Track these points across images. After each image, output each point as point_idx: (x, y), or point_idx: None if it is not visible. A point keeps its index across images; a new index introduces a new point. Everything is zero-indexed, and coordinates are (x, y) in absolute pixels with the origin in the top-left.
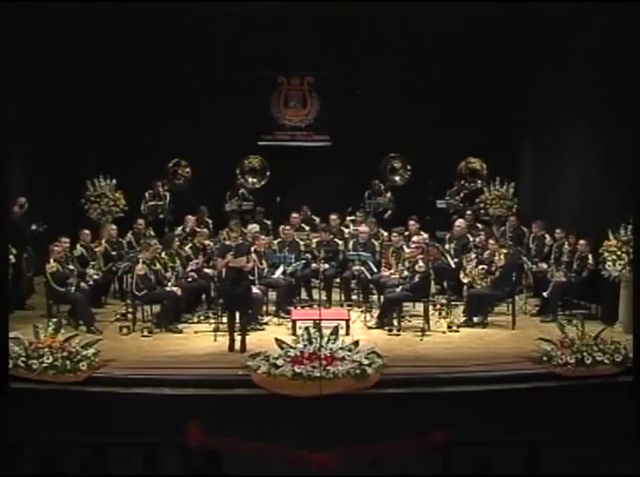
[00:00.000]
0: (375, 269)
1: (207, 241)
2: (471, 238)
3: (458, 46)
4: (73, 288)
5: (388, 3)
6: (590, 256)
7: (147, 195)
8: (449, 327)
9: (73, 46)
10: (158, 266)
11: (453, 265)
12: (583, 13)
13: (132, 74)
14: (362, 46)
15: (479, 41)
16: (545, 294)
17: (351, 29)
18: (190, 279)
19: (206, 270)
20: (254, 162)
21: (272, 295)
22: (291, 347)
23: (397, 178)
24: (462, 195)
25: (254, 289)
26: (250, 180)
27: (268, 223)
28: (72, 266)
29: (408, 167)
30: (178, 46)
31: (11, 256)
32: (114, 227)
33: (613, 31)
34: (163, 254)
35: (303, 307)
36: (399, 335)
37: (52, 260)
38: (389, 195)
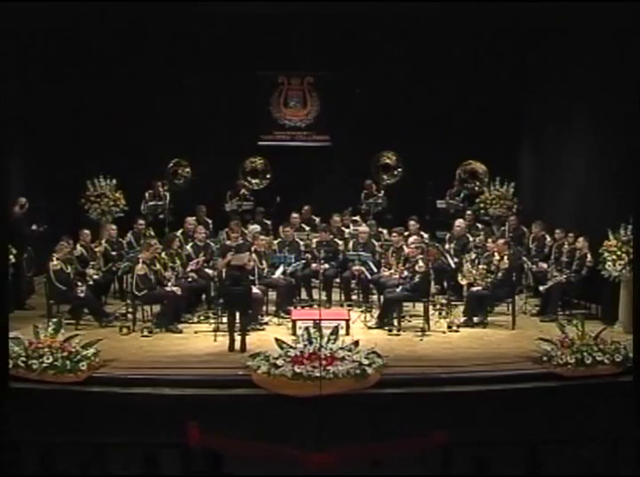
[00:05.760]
0: (375, 269)
1: (202, 235)
2: (471, 239)
3: (458, 46)
4: (81, 291)
5: (387, 3)
6: (589, 255)
7: (147, 195)
8: (449, 327)
9: (73, 45)
10: (158, 266)
11: (453, 265)
12: (584, 13)
13: (132, 73)
14: (362, 46)
15: (479, 41)
16: (541, 288)
17: (351, 29)
18: (190, 279)
19: (206, 270)
20: (257, 163)
21: (272, 295)
22: (291, 347)
23: (385, 176)
24: (462, 196)
25: (254, 289)
26: (254, 181)
27: (268, 223)
28: (70, 269)
29: (399, 164)
30: (178, 46)
31: (11, 256)
32: (114, 227)
33: (614, 31)
34: (163, 254)
35: (303, 307)
36: (399, 335)
37: (55, 258)
38: (381, 194)
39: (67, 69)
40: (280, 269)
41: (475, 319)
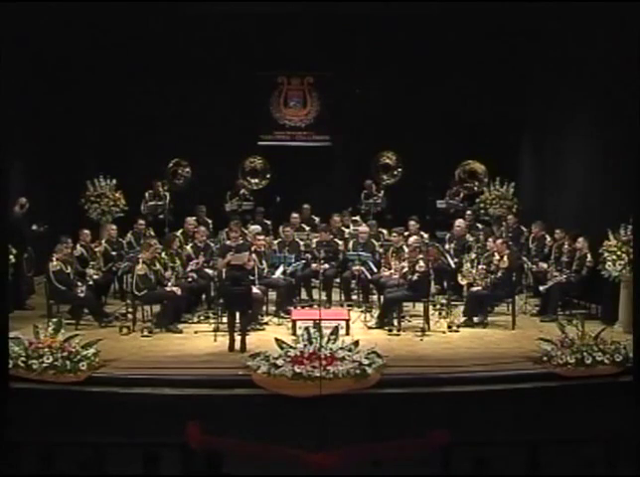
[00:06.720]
0: (375, 269)
1: (203, 237)
2: (471, 239)
3: (459, 46)
4: (81, 292)
5: (388, 3)
6: (589, 255)
7: (147, 195)
8: (449, 327)
9: (72, 47)
10: (158, 266)
11: (453, 265)
12: (583, 13)
13: (132, 74)
14: (362, 46)
15: (479, 41)
16: (541, 288)
17: (351, 29)
18: (190, 279)
19: (206, 270)
20: (257, 163)
21: (272, 295)
22: (291, 347)
23: (385, 176)
24: (462, 196)
25: (254, 289)
26: (253, 181)
27: (268, 223)
28: (70, 269)
29: (399, 164)
30: (178, 46)
31: (11, 256)
32: (114, 227)
33: (613, 31)
34: (163, 254)
35: (303, 307)
36: (398, 335)
37: (55, 259)
38: (381, 194)
39: (66, 69)
40: (280, 269)
41: (475, 319)
